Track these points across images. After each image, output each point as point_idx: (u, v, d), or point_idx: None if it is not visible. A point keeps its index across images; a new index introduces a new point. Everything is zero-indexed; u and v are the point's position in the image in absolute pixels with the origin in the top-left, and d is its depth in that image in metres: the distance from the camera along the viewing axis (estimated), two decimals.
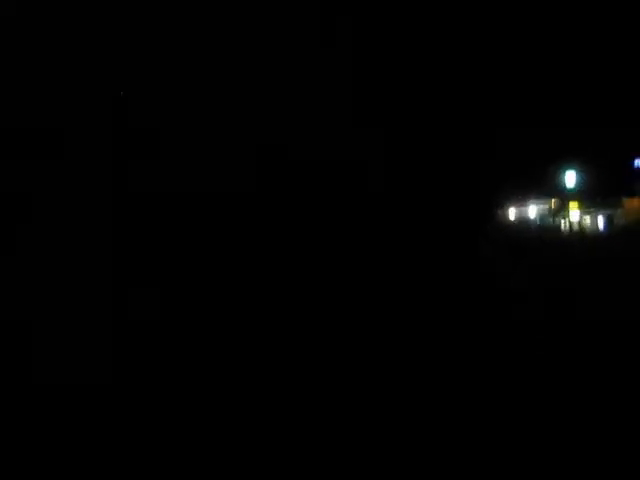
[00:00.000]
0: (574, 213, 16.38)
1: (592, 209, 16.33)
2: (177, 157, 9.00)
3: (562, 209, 16.64)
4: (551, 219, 16.48)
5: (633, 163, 14.75)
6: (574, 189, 15.71)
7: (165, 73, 8.99)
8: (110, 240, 8.53)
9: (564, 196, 16.57)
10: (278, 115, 9.25)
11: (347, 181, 9.40)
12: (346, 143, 9.40)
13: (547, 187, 16.77)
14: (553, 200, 17.40)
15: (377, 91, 9.76)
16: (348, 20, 9.39)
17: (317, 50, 9.27)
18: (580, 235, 15.84)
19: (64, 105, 8.45)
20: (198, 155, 9.09)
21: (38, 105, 8.43)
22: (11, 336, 7.59)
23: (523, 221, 16.61)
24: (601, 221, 16.47)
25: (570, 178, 15.93)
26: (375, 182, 9.60)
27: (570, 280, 10.30)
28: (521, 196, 16.78)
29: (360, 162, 9.47)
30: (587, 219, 16.55)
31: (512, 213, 16.86)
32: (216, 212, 9.07)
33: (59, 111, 8.44)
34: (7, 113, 8.36)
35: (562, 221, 16.46)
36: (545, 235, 15.63)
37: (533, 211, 17.26)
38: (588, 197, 16.11)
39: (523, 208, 17.32)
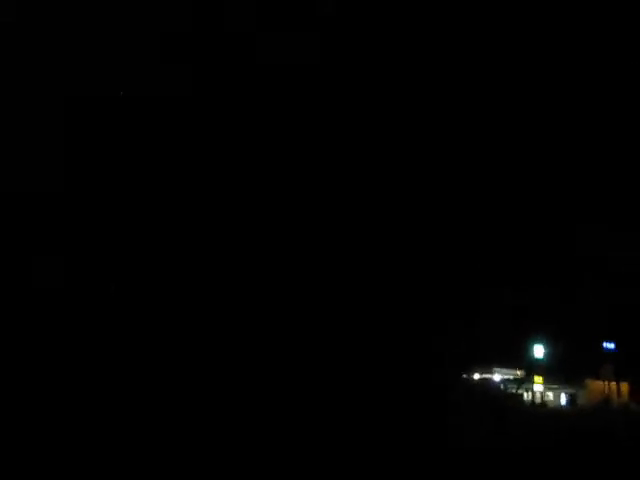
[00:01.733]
0: (538, 386, 16.55)
1: (555, 385, 16.53)
2: (175, 156, 9.05)
3: (526, 381, 16.80)
4: (514, 388, 16.58)
5: (601, 346, 15.13)
6: (542, 360, 16.00)
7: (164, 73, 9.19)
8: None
9: (529, 368, 16.80)
10: (276, 115, 9.41)
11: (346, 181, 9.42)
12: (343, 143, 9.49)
13: (513, 356, 17.03)
14: (519, 371, 17.60)
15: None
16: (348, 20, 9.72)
17: (317, 49, 9.52)
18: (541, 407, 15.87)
19: (63, 105, 8.61)
20: (197, 154, 9.16)
21: (37, 106, 8.57)
22: None
23: (487, 385, 16.63)
24: (564, 398, 16.68)
25: (538, 351, 16.26)
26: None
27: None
28: (486, 361, 16.94)
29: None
30: (550, 395, 16.69)
31: (477, 376, 16.93)
32: (212, 210, 9.04)
33: (58, 111, 8.58)
34: (6, 113, 8.49)
35: (525, 392, 16.59)
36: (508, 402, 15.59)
37: (497, 377, 17.41)
38: (552, 373, 16.34)
39: (488, 374, 17.45)
